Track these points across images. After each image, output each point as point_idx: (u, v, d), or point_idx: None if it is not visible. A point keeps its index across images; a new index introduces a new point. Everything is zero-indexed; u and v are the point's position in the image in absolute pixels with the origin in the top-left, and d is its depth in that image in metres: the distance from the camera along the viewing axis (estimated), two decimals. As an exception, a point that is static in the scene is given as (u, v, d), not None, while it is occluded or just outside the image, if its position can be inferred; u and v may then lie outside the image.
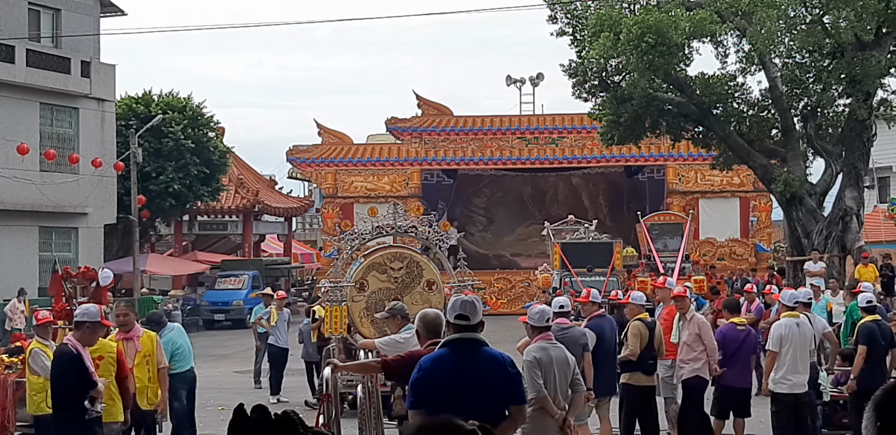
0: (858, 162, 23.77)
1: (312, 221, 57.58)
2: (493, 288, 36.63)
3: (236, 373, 20.65)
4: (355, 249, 13.57)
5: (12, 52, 28.02)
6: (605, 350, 10.89)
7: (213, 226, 42.46)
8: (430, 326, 6.46)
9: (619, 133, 24.80)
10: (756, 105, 25.09)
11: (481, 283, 16.71)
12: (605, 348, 10.92)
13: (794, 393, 10.17)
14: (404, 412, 6.28)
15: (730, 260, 37.37)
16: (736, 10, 22.41)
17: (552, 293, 24.33)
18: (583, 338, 10.31)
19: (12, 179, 27.34)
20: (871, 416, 2.42)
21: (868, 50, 21.95)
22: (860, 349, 10.96)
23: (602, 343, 10.84)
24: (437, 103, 40.61)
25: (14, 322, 24.61)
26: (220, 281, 35.87)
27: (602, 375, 10.63)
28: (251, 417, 2.80)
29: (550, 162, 39.07)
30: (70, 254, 29.87)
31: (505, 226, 41.33)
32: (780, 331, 10.30)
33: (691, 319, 11.28)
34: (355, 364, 8.70)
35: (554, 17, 24.63)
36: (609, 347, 11.05)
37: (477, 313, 5.76)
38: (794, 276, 23.91)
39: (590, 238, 30.03)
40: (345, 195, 39.15)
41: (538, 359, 7.50)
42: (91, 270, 15.34)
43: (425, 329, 6.49)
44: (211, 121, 36.27)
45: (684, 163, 38.11)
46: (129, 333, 9.96)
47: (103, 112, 31.02)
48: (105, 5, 31.97)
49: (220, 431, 3.69)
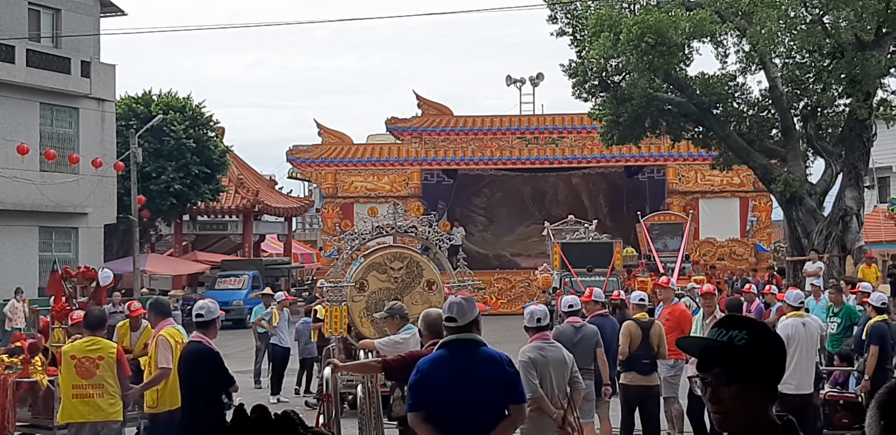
0: (858, 162, 23.77)
1: (312, 220, 57.60)
2: (493, 288, 36.63)
3: (236, 373, 20.58)
4: (355, 249, 13.56)
5: (12, 52, 28.01)
6: (605, 350, 10.89)
7: (213, 226, 42.45)
8: (432, 327, 6.46)
9: (619, 133, 24.81)
10: (756, 105, 25.11)
11: (481, 283, 16.72)
12: (605, 348, 10.94)
13: (800, 393, 10.14)
14: (404, 413, 6.27)
15: (730, 260, 37.38)
16: (736, 10, 22.42)
17: (552, 293, 24.36)
18: (595, 336, 10.45)
19: (12, 179, 27.33)
20: (874, 414, 2.41)
21: (868, 50, 21.95)
22: (872, 349, 10.96)
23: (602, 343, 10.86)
24: (437, 103, 40.61)
25: (14, 322, 24.59)
26: (220, 281, 35.86)
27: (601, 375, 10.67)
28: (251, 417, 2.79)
29: (550, 162, 39.08)
30: (70, 254, 29.86)
31: (505, 226, 41.32)
32: (787, 331, 10.24)
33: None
34: (355, 364, 8.69)
35: (554, 17, 24.65)
36: (609, 346, 11.05)
37: (465, 314, 5.71)
38: (794, 276, 23.91)
39: (590, 238, 30.02)
40: (345, 195, 39.17)
41: (532, 359, 7.52)
42: (91, 270, 15.34)
43: (427, 329, 6.50)
44: (211, 120, 36.28)
45: (684, 163, 38.12)
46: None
47: (103, 112, 31.01)
48: (105, 5, 31.96)
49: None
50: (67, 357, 8.96)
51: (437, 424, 5.53)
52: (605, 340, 10.95)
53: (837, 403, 11.45)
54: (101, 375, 8.84)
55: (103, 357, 8.87)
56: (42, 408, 10.82)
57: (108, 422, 8.92)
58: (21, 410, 10.84)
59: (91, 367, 8.84)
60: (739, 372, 2.71)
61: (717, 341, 2.75)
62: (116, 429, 9.15)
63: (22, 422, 10.91)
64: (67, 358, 8.95)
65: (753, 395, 2.75)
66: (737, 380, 2.71)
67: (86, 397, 8.84)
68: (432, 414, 5.56)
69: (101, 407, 8.86)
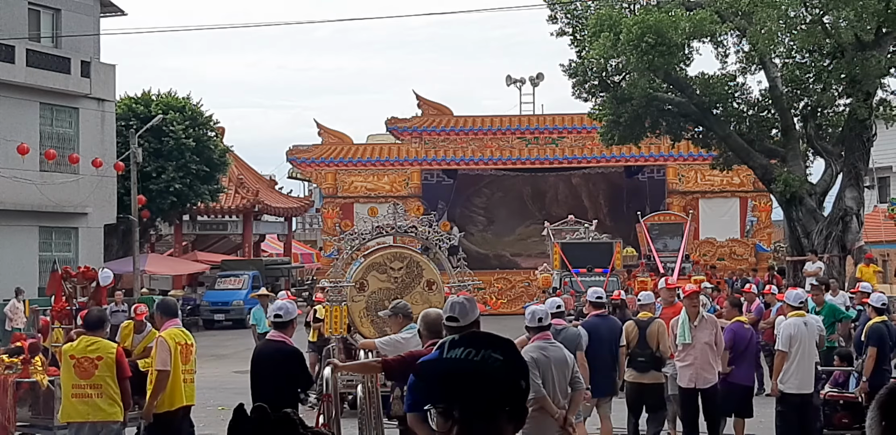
0: (858, 162, 23.77)
1: (312, 220, 57.56)
2: (493, 288, 36.63)
3: (236, 373, 20.62)
4: (355, 249, 13.55)
5: (12, 52, 28.00)
6: (601, 350, 10.85)
7: (213, 226, 42.44)
8: (432, 326, 6.46)
9: (619, 133, 24.81)
10: (756, 105, 25.10)
11: (481, 283, 16.70)
12: (603, 348, 10.89)
13: (802, 393, 10.13)
14: (403, 413, 6.26)
15: (730, 260, 37.38)
16: (736, 10, 22.41)
17: (552, 293, 24.33)
18: (578, 338, 10.36)
19: (12, 179, 27.32)
20: (874, 415, 2.41)
21: (868, 50, 21.95)
22: (870, 351, 10.96)
23: (598, 343, 10.79)
24: (437, 103, 40.60)
25: (14, 322, 24.58)
26: (220, 281, 35.86)
27: (599, 375, 10.58)
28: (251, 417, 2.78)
29: (550, 162, 39.07)
30: (70, 254, 29.85)
31: (505, 226, 41.31)
32: (789, 330, 10.23)
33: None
34: (355, 364, 8.69)
35: (554, 17, 24.65)
36: (607, 346, 11.00)
37: (467, 314, 5.72)
38: (794, 276, 23.91)
39: (590, 238, 30.03)
40: (345, 195, 39.16)
41: (535, 359, 7.51)
42: (91, 270, 15.36)
43: (427, 329, 6.49)
44: (210, 120, 36.27)
45: (684, 163, 38.11)
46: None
47: (103, 112, 31.00)
48: (105, 5, 31.95)
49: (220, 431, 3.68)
50: (67, 357, 8.97)
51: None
52: (601, 341, 10.91)
53: (837, 403, 11.45)
54: (100, 376, 8.83)
55: (102, 357, 8.86)
56: (42, 408, 10.82)
57: (107, 422, 8.91)
58: (21, 410, 10.84)
59: (90, 367, 8.84)
60: (497, 402, 2.24)
61: (468, 362, 2.25)
62: (116, 429, 9.14)
63: (22, 422, 10.91)
64: (67, 358, 8.96)
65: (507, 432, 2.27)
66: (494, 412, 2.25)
67: (85, 397, 8.84)
68: (432, 414, 5.55)
69: (100, 407, 8.85)
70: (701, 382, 10.60)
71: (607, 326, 11.24)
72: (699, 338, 10.57)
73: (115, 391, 8.91)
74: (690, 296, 10.94)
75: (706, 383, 10.61)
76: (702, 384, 10.61)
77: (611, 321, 11.56)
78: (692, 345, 10.57)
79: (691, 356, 10.61)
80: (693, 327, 10.61)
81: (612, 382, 11.23)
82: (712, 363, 10.62)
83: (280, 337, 8.35)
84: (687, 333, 10.61)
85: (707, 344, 10.57)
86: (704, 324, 10.69)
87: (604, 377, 10.85)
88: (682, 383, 10.74)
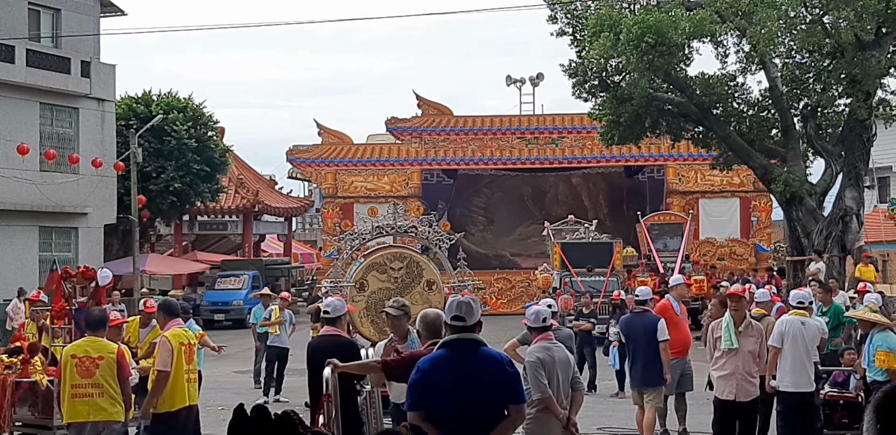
0: (858, 162, 23.78)
1: (312, 221, 57.58)
2: (493, 288, 36.65)
3: (236, 373, 20.66)
4: (355, 249, 13.58)
5: (12, 52, 28.00)
6: (643, 344, 11.29)
7: (213, 226, 42.43)
8: (431, 327, 6.45)
9: (619, 133, 24.83)
10: (756, 105, 25.12)
11: (481, 283, 16.73)
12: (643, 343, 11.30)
13: (800, 392, 10.10)
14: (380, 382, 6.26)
15: (730, 260, 37.40)
16: (736, 10, 22.43)
17: (552, 293, 24.34)
18: (569, 340, 10.56)
19: (12, 179, 27.32)
20: (871, 418, 2.41)
21: (868, 50, 21.96)
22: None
23: (637, 338, 11.35)
24: (437, 103, 40.62)
25: (15, 322, 24.58)
26: (220, 281, 35.86)
27: (639, 368, 11.24)
28: (251, 417, 2.79)
29: (550, 162, 39.09)
30: (70, 254, 29.85)
31: (505, 226, 41.34)
32: (780, 327, 10.16)
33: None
34: (355, 364, 8.69)
35: (554, 17, 24.65)
36: (643, 341, 11.31)
37: (473, 314, 5.74)
38: (793, 276, 23.92)
39: (590, 238, 30.05)
40: (345, 195, 39.17)
41: (541, 359, 7.49)
42: (90, 270, 15.32)
43: (426, 329, 6.49)
44: (211, 120, 36.28)
45: (684, 163, 38.13)
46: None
47: (103, 112, 31.00)
48: (105, 5, 31.95)
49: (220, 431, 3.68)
50: (68, 356, 8.96)
51: (436, 423, 5.54)
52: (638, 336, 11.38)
53: (837, 403, 11.45)
54: (101, 375, 8.83)
55: (103, 357, 8.86)
56: (42, 408, 10.81)
57: (109, 422, 8.91)
58: (21, 410, 10.83)
59: (91, 366, 8.83)
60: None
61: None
62: (118, 429, 9.14)
63: (22, 422, 10.90)
64: (68, 357, 8.95)
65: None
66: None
67: (85, 397, 8.83)
68: (432, 413, 5.57)
69: (101, 407, 8.84)
70: (742, 394, 9.72)
71: (642, 323, 11.47)
72: (744, 345, 9.74)
73: (116, 391, 8.91)
74: (734, 298, 10.07)
75: (748, 396, 9.76)
76: (743, 397, 9.72)
77: (646, 318, 11.61)
78: (736, 352, 9.73)
79: (732, 365, 9.74)
80: (738, 333, 9.76)
81: (658, 375, 11.27)
82: (755, 374, 9.83)
83: (334, 331, 8.59)
84: (733, 337, 9.73)
85: (751, 353, 9.75)
86: (750, 330, 9.86)
87: (651, 369, 11.21)
88: (720, 395, 9.84)
